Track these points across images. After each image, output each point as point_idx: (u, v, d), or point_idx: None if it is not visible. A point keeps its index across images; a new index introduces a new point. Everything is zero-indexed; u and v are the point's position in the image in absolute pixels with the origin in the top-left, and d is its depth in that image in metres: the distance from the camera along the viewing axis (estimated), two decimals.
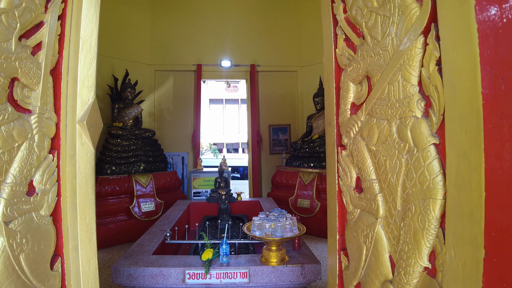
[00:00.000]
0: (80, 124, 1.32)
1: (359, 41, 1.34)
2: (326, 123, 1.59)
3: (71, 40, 1.33)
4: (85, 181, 1.36)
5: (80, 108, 1.32)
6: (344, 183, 1.45)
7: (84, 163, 1.35)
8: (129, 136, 5.50)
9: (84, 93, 1.34)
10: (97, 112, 1.38)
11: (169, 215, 4.05)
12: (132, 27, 6.41)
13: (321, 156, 5.54)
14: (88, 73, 1.35)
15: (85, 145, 1.35)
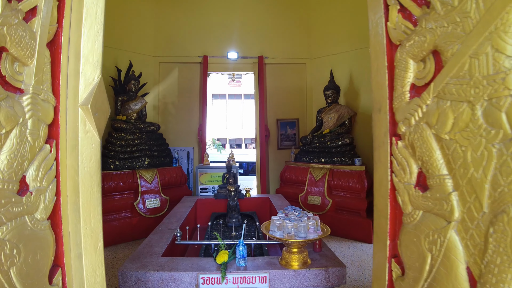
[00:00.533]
0: (83, 108, 1.09)
1: (421, 10, 1.11)
2: (374, 109, 1.36)
3: (73, 7, 1.10)
4: (89, 177, 1.13)
5: (83, 89, 1.10)
6: (400, 179, 1.22)
7: (88, 155, 1.13)
8: (133, 130, 5.28)
9: (88, 71, 1.11)
10: (103, 94, 1.16)
11: (176, 212, 3.83)
12: (136, 17, 6.15)
13: (332, 151, 5.31)
14: (93, 47, 1.12)
15: (90, 133, 1.12)
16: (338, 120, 5.52)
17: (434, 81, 1.05)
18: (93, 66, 1.12)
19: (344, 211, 4.90)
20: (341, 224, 4.80)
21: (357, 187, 4.81)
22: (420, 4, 1.10)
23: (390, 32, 1.25)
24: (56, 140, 1.08)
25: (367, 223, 4.58)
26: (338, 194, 5.01)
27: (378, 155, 1.30)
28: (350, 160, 5.09)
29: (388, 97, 1.24)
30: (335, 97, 5.65)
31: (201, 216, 4.53)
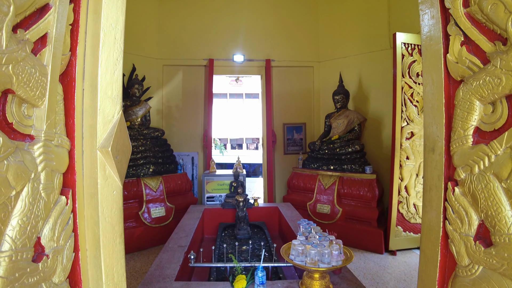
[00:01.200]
0: (102, 152, 0.94)
1: (493, 46, 0.96)
2: (426, 147, 1.21)
3: (88, 31, 0.95)
4: (111, 228, 0.99)
5: (101, 129, 0.95)
6: (455, 228, 1.08)
7: (109, 204, 0.98)
8: (137, 136, 5.12)
9: (107, 106, 0.96)
10: (124, 133, 1.01)
11: (184, 225, 3.69)
12: (139, 19, 5.98)
13: (342, 158, 5.17)
14: (112, 78, 0.97)
15: (110, 179, 0.98)
16: (347, 126, 5.38)
17: (509, 131, 0.91)
18: (113, 101, 0.97)
19: (354, 221, 4.76)
20: (352, 233, 4.67)
21: (368, 195, 4.67)
22: (492, 38, 0.96)
23: (450, 65, 1.10)
24: (72, 189, 0.94)
25: (378, 233, 4.45)
26: (348, 203, 4.88)
27: (429, 198, 1.16)
28: (361, 167, 4.95)
29: (445, 138, 1.10)
30: (345, 102, 5.50)
31: (208, 226, 4.40)
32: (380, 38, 5.49)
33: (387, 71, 5.29)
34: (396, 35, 4.22)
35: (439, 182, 1.12)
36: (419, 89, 4.33)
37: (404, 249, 4.49)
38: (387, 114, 5.34)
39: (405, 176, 4.37)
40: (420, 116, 4.35)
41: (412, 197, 4.42)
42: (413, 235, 4.46)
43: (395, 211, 4.37)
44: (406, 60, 4.27)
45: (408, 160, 4.36)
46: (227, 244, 3.65)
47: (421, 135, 4.36)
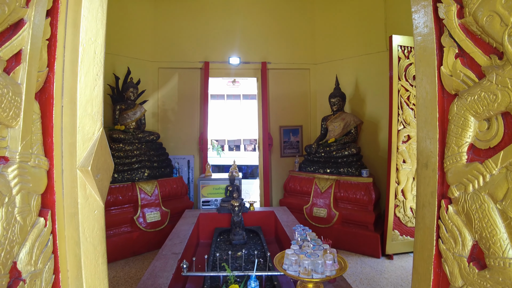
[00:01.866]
0: (82, 171, 0.91)
1: (488, 60, 0.93)
2: (420, 163, 1.18)
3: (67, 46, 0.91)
4: (93, 248, 0.96)
5: (81, 147, 0.91)
6: (449, 248, 1.05)
7: (91, 224, 0.95)
8: (132, 140, 5.08)
9: (87, 124, 0.92)
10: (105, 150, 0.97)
11: (179, 231, 3.65)
12: (134, 21, 5.94)
13: (338, 161, 5.15)
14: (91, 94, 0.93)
15: (91, 198, 0.94)
16: (344, 128, 5.35)
17: (504, 150, 0.88)
18: (93, 118, 0.93)
19: (351, 224, 4.74)
20: (348, 237, 4.65)
21: (365, 199, 4.65)
22: (488, 51, 0.92)
23: (444, 78, 1.07)
24: (52, 210, 0.90)
25: (374, 237, 4.44)
26: (344, 207, 4.85)
27: (422, 215, 1.13)
28: (357, 171, 4.93)
29: (439, 153, 1.07)
30: (341, 104, 5.48)
31: (204, 231, 4.36)
32: (376, 40, 5.47)
33: (384, 74, 5.27)
34: (392, 37, 4.20)
35: (432, 199, 1.09)
36: (415, 92, 4.31)
37: (401, 253, 4.47)
38: (383, 117, 5.33)
39: (402, 180, 4.35)
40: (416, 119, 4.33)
41: (409, 200, 4.40)
42: (410, 239, 4.44)
43: (392, 215, 4.35)
44: (402, 62, 4.25)
45: (404, 163, 4.34)
46: (222, 250, 3.61)
47: None
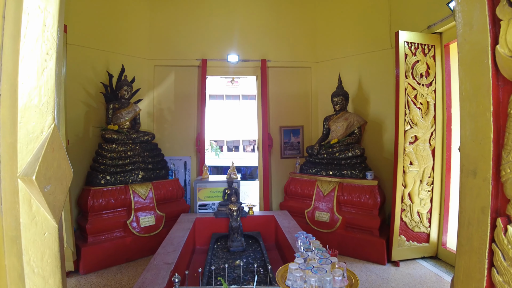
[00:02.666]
0: (25, 181, 0.68)
1: None
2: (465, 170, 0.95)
3: (7, 16, 0.69)
4: (42, 282, 0.73)
5: (23, 149, 0.69)
6: (508, 281, 0.81)
7: (39, 251, 0.72)
8: (125, 141, 4.86)
9: (32, 119, 0.70)
10: (59, 153, 0.75)
11: (173, 238, 3.42)
12: (129, 17, 5.71)
13: (342, 163, 4.92)
14: (40, 79, 0.70)
15: (39, 217, 0.72)
16: (347, 129, 5.13)
17: None
18: (40, 112, 0.71)
19: (355, 229, 4.52)
20: (352, 243, 4.43)
21: (369, 203, 4.43)
22: None
23: (500, 61, 0.83)
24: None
25: (380, 243, 4.21)
26: (348, 211, 4.63)
27: (468, 236, 0.90)
28: (361, 173, 4.71)
29: (493, 158, 0.83)
30: (344, 104, 5.26)
31: (200, 236, 4.14)
32: (380, 38, 5.25)
33: (388, 72, 5.07)
34: (399, 33, 3.99)
35: (483, 217, 0.85)
36: (423, 90, 4.09)
37: (408, 259, 4.25)
38: (388, 116, 5.11)
39: (409, 183, 4.13)
40: (424, 119, 4.11)
41: (416, 204, 4.18)
42: (417, 244, 4.22)
43: (398, 220, 4.13)
44: (410, 60, 4.04)
45: (411, 165, 4.12)
46: (219, 258, 3.39)
47: (425, 139, 4.13)
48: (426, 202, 4.19)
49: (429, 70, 4.12)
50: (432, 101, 4.12)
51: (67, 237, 3.83)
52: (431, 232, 4.23)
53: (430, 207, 4.21)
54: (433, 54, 4.12)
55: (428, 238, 4.24)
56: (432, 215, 4.22)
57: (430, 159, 4.15)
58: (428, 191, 4.19)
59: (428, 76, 4.12)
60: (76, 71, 4.82)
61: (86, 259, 3.95)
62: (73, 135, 4.79)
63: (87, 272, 3.95)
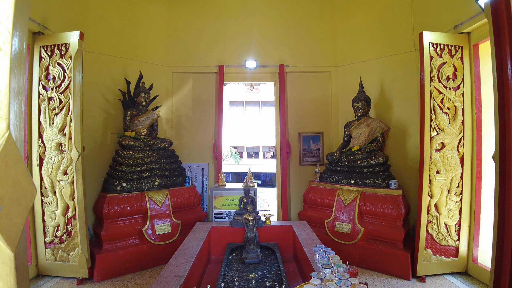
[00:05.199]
0: None
1: None
2: None
3: None
4: None
5: None
6: None
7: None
8: (142, 147, 4.84)
9: None
10: (17, 168, 0.64)
11: (186, 248, 3.32)
12: (147, 24, 5.75)
13: (364, 171, 4.70)
14: None
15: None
16: (369, 135, 4.91)
17: None
18: None
19: (377, 241, 4.28)
20: (374, 256, 4.19)
21: (393, 213, 4.19)
22: None
23: None
24: None
25: (404, 256, 3.96)
26: (370, 222, 4.40)
27: None
28: (384, 182, 4.48)
29: None
30: (366, 109, 5.05)
31: (216, 245, 4.03)
32: (403, 40, 5.03)
33: (412, 76, 4.85)
34: (423, 34, 3.77)
35: None
36: (450, 94, 3.84)
37: (435, 275, 3.96)
38: (412, 122, 4.86)
39: (435, 193, 3.87)
40: (451, 125, 3.85)
41: (443, 216, 3.90)
42: (444, 258, 3.93)
43: (424, 232, 3.87)
44: (435, 62, 3.81)
45: (438, 174, 3.86)
46: (233, 270, 3.26)
47: (452, 146, 3.87)
48: (454, 213, 3.90)
49: (457, 72, 3.87)
50: (460, 105, 3.86)
51: (81, 244, 3.81)
52: (460, 246, 3.92)
53: (459, 219, 3.92)
54: (460, 55, 3.86)
55: (457, 252, 3.94)
56: (461, 228, 3.92)
57: (458, 168, 3.87)
58: (456, 202, 3.91)
59: (456, 79, 3.87)
60: (94, 78, 4.87)
61: (100, 266, 3.92)
62: (91, 141, 4.82)
63: (101, 279, 3.92)
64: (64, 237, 3.93)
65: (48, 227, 3.94)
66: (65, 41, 3.86)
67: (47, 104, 3.88)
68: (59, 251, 3.93)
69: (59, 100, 3.86)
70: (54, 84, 3.88)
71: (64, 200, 3.89)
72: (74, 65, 3.80)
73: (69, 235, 3.91)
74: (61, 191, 3.88)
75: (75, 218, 3.87)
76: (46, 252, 3.95)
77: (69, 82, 3.82)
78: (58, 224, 3.93)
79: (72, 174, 3.83)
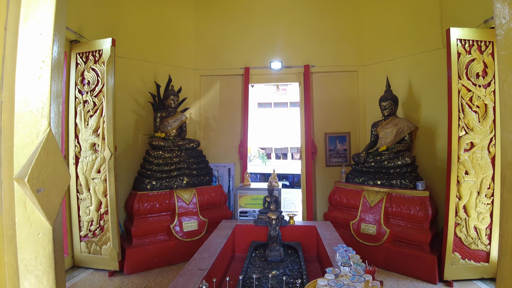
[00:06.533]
0: (19, 182, 0.71)
1: None
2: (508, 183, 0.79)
3: (9, 28, 0.73)
4: (35, 280, 0.75)
5: (19, 153, 0.72)
6: None
7: (33, 250, 0.75)
8: (171, 148, 5.06)
9: (28, 124, 0.73)
10: (55, 158, 0.77)
11: (210, 244, 3.45)
12: (176, 29, 6.00)
13: (390, 172, 4.63)
14: (35, 86, 0.73)
15: (33, 218, 0.74)
16: (396, 135, 4.83)
17: None
18: (36, 117, 0.74)
19: (403, 244, 4.20)
20: (400, 258, 4.12)
21: (420, 215, 4.10)
22: None
23: None
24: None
25: (430, 259, 3.86)
26: (396, 223, 4.33)
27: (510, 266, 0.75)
28: (412, 183, 4.39)
29: None
30: (393, 109, 4.97)
31: (240, 244, 4.13)
32: (431, 37, 4.90)
33: (441, 74, 4.70)
34: (450, 30, 3.67)
35: None
36: (479, 92, 3.70)
37: (463, 280, 3.82)
38: (441, 122, 4.72)
39: (464, 194, 3.75)
40: (481, 124, 3.71)
41: (473, 218, 3.76)
42: (474, 263, 3.79)
43: (452, 235, 3.75)
44: (463, 58, 3.69)
45: (467, 175, 3.74)
46: (255, 267, 3.34)
47: (482, 146, 3.72)
48: (484, 216, 3.75)
49: (487, 69, 3.71)
50: (491, 103, 3.70)
51: (113, 238, 4.05)
52: (492, 251, 3.76)
53: (490, 222, 3.75)
54: (491, 51, 3.71)
55: (487, 257, 3.77)
56: (493, 232, 3.75)
57: (489, 168, 3.71)
58: (487, 204, 3.75)
59: (486, 76, 3.72)
60: (125, 82, 5.15)
61: (130, 260, 4.15)
62: (123, 142, 5.10)
63: (131, 272, 4.14)
64: (97, 231, 4.19)
65: (83, 221, 4.22)
66: (99, 48, 4.13)
67: (82, 107, 4.17)
68: (93, 245, 4.19)
69: (93, 103, 4.13)
70: (88, 88, 4.16)
71: (97, 196, 4.15)
72: (107, 70, 4.06)
73: (102, 229, 4.16)
74: (94, 188, 4.15)
75: (107, 214, 4.12)
76: (81, 245, 4.23)
77: (102, 86, 4.09)
78: (92, 219, 4.20)
79: (105, 173, 4.08)
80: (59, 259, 0.81)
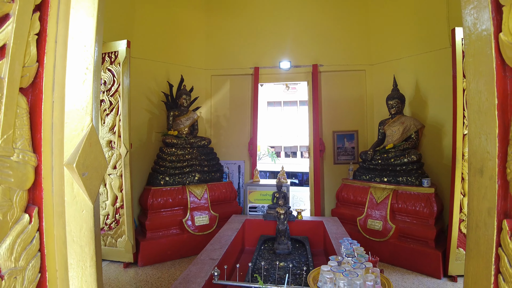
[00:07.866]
0: (68, 168, 0.88)
1: None
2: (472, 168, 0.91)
3: (59, 40, 0.89)
4: (80, 249, 0.92)
5: (68, 144, 0.88)
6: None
7: (78, 224, 0.91)
8: (184, 145, 5.24)
9: (75, 119, 0.89)
10: (96, 148, 0.93)
11: (221, 236, 3.62)
12: (187, 31, 6.19)
13: (397, 169, 4.73)
14: (80, 89, 0.90)
15: (79, 197, 0.91)
16: (403, 133, 4.92)
17: None
18: (81, 113, 0.90)
19: (409, 239, 4.30)
20: (405, 253, 4.22)
21: (425, 212, 4.19)
22: None
23: (504, 49, 0.80)
24: (39, 207, 0.88)
25: (435, 255, 3.96)
26: (402, 219, 4.43)
27: (475, 239, 0.88)
28: (417, 180, 4.48)
29: (498, 155, 0.80)
30: (400, 107, 5.05)
31: (249, 238, 4.29)
32: (438, 36, 4.96)
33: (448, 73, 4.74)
34: (455, 30, 3.76)
35: (489, 219, 0.82)
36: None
37: None
38: (447, 120, 4.78)
39: None
40: None
41: None
42: None
43: (456, 231, 3.84)
44: None
45: None
46: (264, 259, 3.50)
47: None
48: None
49: None
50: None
51: (127, 231, 4.26)
52: None
53: None
54: None
55: None
56: None
57: None
58: None
59: None
60: (139, 82, 5.35)
61: (144, 253, 4.35)
62: (137, 139, 5.30)
63: (144, 264, 4.34)
64: (113, 225, 4.40)
65: (99, 215, 4.44)
66: (115, 49, 4.33)
67: (99, 106, 4.39)
68: (108, 237, 4.41)
69: (110, 102, 4.34)
70: (105, 88, 4.37)
71: (113, 191, 4.36)
72: (122, 71, 4.26)
73: (117, 223, 4.37)
74: (110, 183, 4.36)
75: (122, 208, 4.32)
76: None
77: (118, 86, 4.29)
78: (108, 213, 4.41)
79: (120, 169, 4.29)
80: (97, 233, 0.98)
